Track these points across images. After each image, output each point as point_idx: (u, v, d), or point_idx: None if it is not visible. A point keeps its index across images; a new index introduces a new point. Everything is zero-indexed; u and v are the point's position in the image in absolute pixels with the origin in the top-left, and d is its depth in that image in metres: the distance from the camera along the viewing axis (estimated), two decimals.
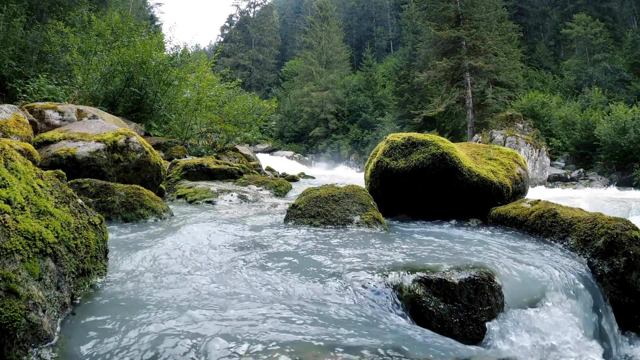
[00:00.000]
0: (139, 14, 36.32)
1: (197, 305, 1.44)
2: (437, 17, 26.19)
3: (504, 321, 1.70)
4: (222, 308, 1.42)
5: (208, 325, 1.28)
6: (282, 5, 69.38)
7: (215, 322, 1.30)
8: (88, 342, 1.17)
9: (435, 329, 1.57)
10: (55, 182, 1.52)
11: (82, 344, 1.17)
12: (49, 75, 9.56)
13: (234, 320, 1.32)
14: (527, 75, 33.52)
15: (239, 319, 1.33)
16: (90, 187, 2.92)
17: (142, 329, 1.23)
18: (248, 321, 1.32)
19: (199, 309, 1.40)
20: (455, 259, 2.05)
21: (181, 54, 10.48)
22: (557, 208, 2.70)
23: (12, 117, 3.90)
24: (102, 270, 1.55)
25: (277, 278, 1.77)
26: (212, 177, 5.37)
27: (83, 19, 12.88)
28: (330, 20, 41.81)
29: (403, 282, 1.67)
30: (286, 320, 1.36)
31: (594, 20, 33.41)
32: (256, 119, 9.31)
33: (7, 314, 0.97)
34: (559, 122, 25.30)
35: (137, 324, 1.26)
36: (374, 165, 3.59)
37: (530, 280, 1.93)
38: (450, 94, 25.27)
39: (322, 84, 38.88)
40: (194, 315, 1.34)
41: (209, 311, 1.38)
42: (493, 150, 3.98)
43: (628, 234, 2.15)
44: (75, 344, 1.17)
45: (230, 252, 2.12)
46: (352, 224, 2.78)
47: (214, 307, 1.42)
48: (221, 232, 2.59)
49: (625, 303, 2.04)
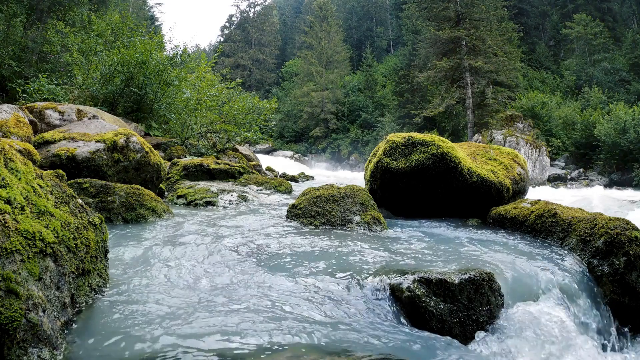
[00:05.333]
0: (139, 14, 36.31)
1: (197, 305, 1.44)
2: (437, 17, 26.17)
3: (503, 321, 1.70)
4: (222, 309, 1.42)
5: (208, 326, 1.27)
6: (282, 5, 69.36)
7: (216, 323, 1.30)
8: (88, 343, 1.17)
9: (435, 329, 1.57)
10: (55, 182, 1.52)
11: (82, 344, 1.16)
12: (49, 75, 9.55)
13: (233, 321, 1.32)
14: (527, 75, 33.51)
15: (238, 320, 1.33)
16: (90, 187, 2.92)
17: (142, 329, 1.23)
18: (247, 321, 1.32)
19: (198, 309, 1.40)
20: (455, 259, 2.05)
21: (181, 54, 10.48)
22: (557, 208, 2.70)
23: (12, 117, 3.90)
24: (102, 271, 1.55)
25: (276, 278, 1.77)
26: (212, 177, 5.37)
27: (83, 19, 12.87)
28: (330, 20, 41.79)
29: (403, 282, 1.67)
30: (285, 322, 1.36)
31: (594, 20, 33.39)
32: (256, 119, 9.30)
33: (7, 314, 0.97)
34: (559, 122, 25.30)
35: (137, 324, 1.26)
36: (374, 165, 3.59)
37: (529, 280, 1.93)
38: (450, 94, 25.26)
39: (322, 84, 38.86)
40: (193, 315, 1.34)
41: (209, 311, 1.38)
42: (493, 150, 3.98)
43: (628, 234, 2.15)
44: (76, 344, 1.16)
45: (229, 253, 2.12)
46: (352, 224, 2.78)
47: (215, 308, 1.42)
48: (221, 232, 2.59)
49: (625, 303, 2.05)
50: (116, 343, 1.16)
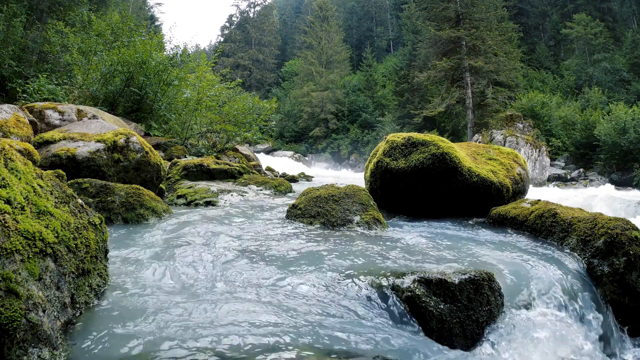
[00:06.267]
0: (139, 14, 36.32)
1: (197, 305, 1.44)
2: (437, 17, 26.18)
3: (503, 321, 1.70)
4: (222, 309, 1.42)
5: (209, 326, 1.28)
6: (282, 5, 69.36)
7: (216, 324, 1.30)
8: (88, 342, 1.17)
9: (435, 329, 1.57)
10: (55, 182, 1.52)
11: (82, 344, 1.16)
12: (49, 75, 9.55)
13: (233, 321, 1.32)
14: (527, 75, 33.51)
15: (237, 320, 1.33)
16: (90, 187, 2.92)
17: (142, 329, 1.23)
18: (247, 321, 1.32)
19: (198, 309, 1.40)
20: (455, 259, 2.05)
21: (181, 54, 10.48)
22: (557, 208, 2.70)
23: (12, 117, 3.90)
24: (102, 271, 1.55)
25: (276, 278, 1.77)
26: (212, 177, 5.37)
27: (83, 19, 12.87)
28: (330, 20, 41.80)
29: (403, 282, 1.67)
30: (284, 321, 1.36)
31: (594, 20, 33.40)
32: (256, 119, 9.30)
33: (7, 314, 0.97)
34: (559, 122, 25.31)
35: (137, 324, 1.26)
36: (374, 165, 3.59)
37: (529, 280, 1.93)
38: (450, 94, 25.26)
39: (322, 84, 38.86)
40: (193, 315, 1.34)
41: (209, 311, 1.38)
42: (493, 150, 3.98)
43: (628, 234, 2.15)
44: (76, 344, 1.17)
45: (229, 253, 2.12)
46: (352, 224, 2.78)
47: (215, 308, 1.42)
48: (220, 232, 2.59)
49: (626, 303, 2.05)
50: (116, 343, 1.16)
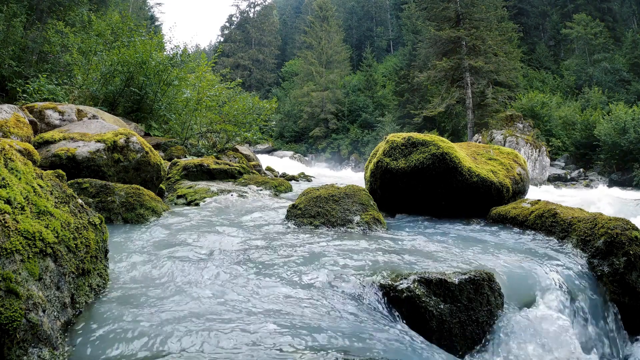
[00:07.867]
0: (139, 14, 36.32)
1: (197, 305, 1.44)
2: (437, 17, 26.18)
3: (503, 321, 1.70)
4: (223, 309, 1.42)
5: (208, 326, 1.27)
6: (282, 5, 69.35)
7: (216, 323, 1.30)
8: (88, 342, 1.17)
9: (435, 329, 1.57)
10: (55, 182, 1.52)
11: (82, 344, 1.16)
12: (49, 75, 9.55)
13: (232, 321, 1.32)
14: (527, 75, 33.51)
15: (237, 320, 1.33)
16: (90, 187, 2.92)
17: (142, 329, 1.23)
18: (246, 321, 1.32)
19: (198, 309, 1.40)
20: (455, 259, 2.05)
21: (181, 54, 10.47)
22: (557, 208, 2.69)
23: (12, 117, 3.90)
24: (102, 271, 1.55)
25: (276, 278, 1.77)
26: (212, 177, 5.37)
27: (83, 19, 12.87)
28: (330, 20, 41.79)
29: (403, 282, 1.67)
30: (283, 322, 1.35)
31: (594, 20, 33.40)
32: (256, 119, 9.30)
33: (7, 314, 0.97)
34: (559, 122, 25.32)
35: (138, 324, 1.26)
36: (374, 165, 3.59)
37: (529, 280, 1.93)
38: (450, 94, 25.26)
39: (322, 84, 38.86)
40: (192, 315, 1.34)
41: (208, 311, 1.38)
42: (493, 150, 3.98)
43: (628, 234, 2.15)
44: (76, 344, 1.16)
45: (229, 253, 2.12)
46: (352, 224, 2.78)
47: (215, 308, 1.42)
48: (221, 232, 2.59)
49: (626, 303, 2.04)
50: (116, 343, 1.16)
